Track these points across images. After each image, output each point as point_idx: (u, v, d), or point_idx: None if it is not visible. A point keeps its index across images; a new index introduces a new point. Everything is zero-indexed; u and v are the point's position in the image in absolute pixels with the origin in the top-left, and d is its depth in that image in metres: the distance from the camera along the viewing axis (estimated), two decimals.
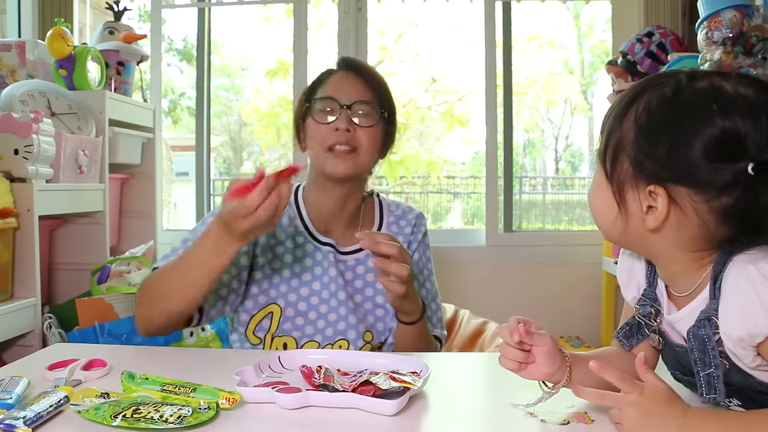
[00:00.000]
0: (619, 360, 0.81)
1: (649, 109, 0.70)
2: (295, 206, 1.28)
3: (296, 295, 1.22)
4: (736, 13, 1.69)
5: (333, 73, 1.27)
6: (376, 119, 1.22)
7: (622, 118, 0.72)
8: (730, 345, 0.66)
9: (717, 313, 0.67)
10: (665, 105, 0.69)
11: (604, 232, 0.77)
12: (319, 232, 1.26)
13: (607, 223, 0.75)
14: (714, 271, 0.69)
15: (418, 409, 0.79)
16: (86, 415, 0.72)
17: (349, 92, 1.21)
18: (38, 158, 1.78)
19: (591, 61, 3.69)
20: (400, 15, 3.99)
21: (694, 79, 0.70)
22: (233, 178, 1.00)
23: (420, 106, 4.23)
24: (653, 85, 0.72)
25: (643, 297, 0.80)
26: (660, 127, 0.69)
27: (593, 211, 0.78)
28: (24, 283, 1.80)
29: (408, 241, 1.30)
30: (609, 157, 0.73)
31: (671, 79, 0.71)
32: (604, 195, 0.73)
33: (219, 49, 3.87)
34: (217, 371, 0.94)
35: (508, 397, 0.82)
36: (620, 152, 0.71)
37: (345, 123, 1.19)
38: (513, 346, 0.78)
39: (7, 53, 2.22)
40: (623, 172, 0.71)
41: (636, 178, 0.70)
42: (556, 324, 2.58)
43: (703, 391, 0.69)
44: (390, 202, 1.36)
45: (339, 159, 1.19)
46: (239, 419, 0.76)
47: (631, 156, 0.70)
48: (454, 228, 3.92)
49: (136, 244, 2.42)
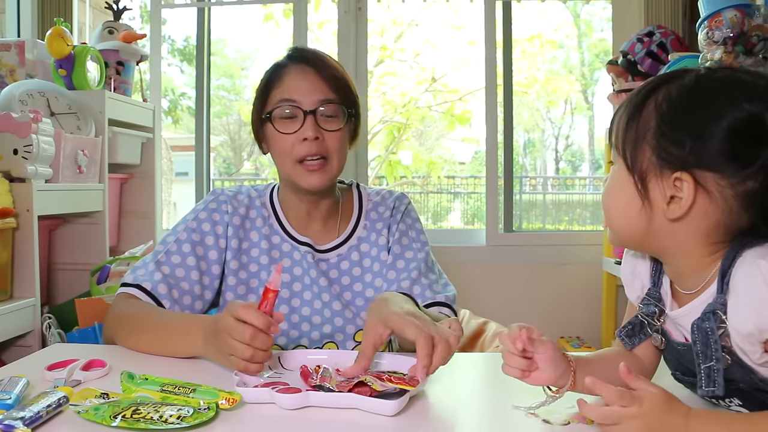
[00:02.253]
0: (622, 360, 0.81)
1: (671, 98, 0.70)
2: (270, 206, 1.23)
3: (288, 305, 1.17)
4: (736, 12, 1.69)
5: (286, 68, 1.15)
6: (343, 120, 1.14)
7: (640, 108, 0.72)
8: (738, 340, 0.66)
9: (723, 307, 0.67)
10: (688, 92, 0.70)
11: (623, 231, 0.75)
12: (296, 231, 1.20)
13: (629, 220, 0.73)
14: (723, 266, 0.69)
15: (418, 409, 0.79)
16: (86, 416, 0.72)
17: (309, 92, 1.11)
18: (37, 158, 1.78)
19: (591, 60, 3.69)
20: (400, 15, 3.99)
21: (711, 71, 0.71)
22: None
23: (420, 105, 4.22)
24: (669, 79, 0.72)
25: (647, 296, 0.79)
26: (684, 113, 0.69)
27: (611, 212, 0.76)
28: (23, 284, 1.79)
29: (388, 224, 1.23)
30: (629, 149, 0.72)
31: (687, 73, 0.72)
32: (625, 190, 0.72)
33: (219, 49, 3.87)
34: (216, 371, 0.93)
35: (509, 398, 0.82)
36: (641, 143, 0.71)
37: (312, 131, 1.10)
38: (516, 354, 0.77)
39: (6, 53, 2.21)
40: (645, 162, 0.70)
41: (660, 167, 0.70)
42: (557, 324, 2.58)
43: (703, 383, 0.69)
44: (370, 191, 1.29)
45: (312, 173, 1.11)
46: (239, 420, 0.75)
47: (653, 145, 0.70)
48: (454, 228, 3.92)
49: (135, 244, 2.41)
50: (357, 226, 1.23)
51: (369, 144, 2.80)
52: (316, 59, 1.15)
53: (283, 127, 1.12)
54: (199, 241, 1.17)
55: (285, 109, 1.11)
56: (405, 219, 1.24)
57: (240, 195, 1.24)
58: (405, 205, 1.26)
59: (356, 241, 1.22)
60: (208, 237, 1.18)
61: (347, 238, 1.22)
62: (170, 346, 1.01)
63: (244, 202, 1.22)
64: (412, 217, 1.26)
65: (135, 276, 1.12)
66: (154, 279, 1.11)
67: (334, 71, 1.14)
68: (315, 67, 1.13)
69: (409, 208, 1.27)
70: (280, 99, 1.12)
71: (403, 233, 1.23)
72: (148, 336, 1.04)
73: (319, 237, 1.21)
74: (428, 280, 1.18)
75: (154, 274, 1.11)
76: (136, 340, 1.05)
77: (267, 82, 1.16)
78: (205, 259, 1.16)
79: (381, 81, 4.19)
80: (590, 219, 3.54)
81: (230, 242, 1.18)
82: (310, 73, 1.13)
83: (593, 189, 3.57)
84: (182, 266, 1.14)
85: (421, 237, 1.25)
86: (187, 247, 1.15)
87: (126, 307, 1.09)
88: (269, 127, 1.14)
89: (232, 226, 1.19)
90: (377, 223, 1.23)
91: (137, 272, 1.13)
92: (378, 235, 1.23)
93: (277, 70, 1.16)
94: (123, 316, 1.08)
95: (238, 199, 1.22)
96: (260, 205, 1.23)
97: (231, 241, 1.18)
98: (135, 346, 1.05)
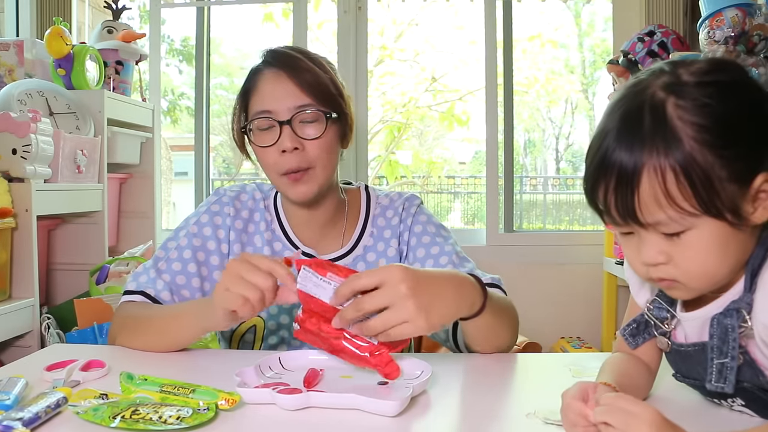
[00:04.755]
0: (634, 367, 0.80)
1: (700, 126, 0.61)
2: (273, 209, 1.19)
3: (277, 306, 1.13)
4: (737, 11, 1.68)
5: (261, 74, 1.09)
6: (324, 125, 1.06)
7: (678, 157, 0.61)
8: (765, 334, 0.65)
9: (749, 307, 0.66)
10: (709, 110, 0.62)
11: (724, 278, 0.67)
12: (298, 239, 1.17)
13: (729, 263, 0.65)
14: (752, 264, 0.67)
15: (419, 409, 0.79)
16: (85, 416, 0.72)
17: (284, 99, 1.05)
18: (36, 158, 1.77)
19: (592, 60, 3.68)
20: (400, 14, 3.99)
21: (678, 81, 0.64)
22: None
23: (420, 105, 4.22)
24: (659, 105, 0.63)
25: (658, 298, 0.78)
26: (729, 128, 0.62)
27: (712, 271, 0.65)
28: (22, 284, 1.79)
29: (398, 233, 1.17)
30: (705, 199, 0.61)
31: (657, 90, 0.64)
32: (717, 241, 0.63)
33: (218, 49, 3.86)
34: (216, 372, 0.93)
35: (510, 398, 0.81)
36: (712, 184, 0.61)
37: (290, 142, 1.04)
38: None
39: (5, 52, 2.21)
40: (729, 195, 0.62)
41: (743, 187, 0.62)
42: (557, 324, 2.57)
43: (713, 378, 0.67)
44: (379, 194, 1.23)
45: (297, 184, 1.07)
46: (238, 420, 0.75)
47: (724, 176, 0.61)
48: (454, 228, 3.91)
49: (134, 245, 2.41)
50: (363, 234, 1.18)
51: (369, 144, 2.80)
52: (290, 61, 1.08)
53: (261, 140, 1.07)
54: (200, 246, 1.14)
55: (262, 121, 1.07)
56: (417, 219, 1.18)
57: (244, 195, 1.20)
58: (415, 206, 1.20)
59: (362, 251, 1.17)
60: (209, 242, 1.15)
61: (353, 247, 1.17)
62: (169, 333, 1.00)
63: (248, 205, 1.19)
64: (426, 214, 1.20)
65: (137, 283, 1.11)
66: (157, 286, 1.09)
67: (309, 73, 1.07)
68: (288, 71, 1.07)
69: (421, 209, 1.20)
70: (256, 111, 1.07)
71: (421, 234, 1.17)
72: (149, 330, 1.03)
73: (323, 244, 1.17)
74: (466, 269, 1.09)
75: (157, 281, 1.10)
76: (138, 338, 1.04)
77: (245, 90, 1.12)
78: (207, 264, 1.14)
79: (381, 81, 4.18)
80: (590, 219, 3.53)
81: (232, 246, 1.16)
82: (283, 77, 1.07)
83: None
84: (183, 273, 1.12)
85: (442, 231, 1.18)
86: (188, 253, 1.13)
87: (128, 309, 1.09)
88: (250, 141, 1.11)
89: (234, 230, 1.16)
90: (385, 230, 1.18)
91: (139, 279, 1.11)
92: (386, 245, 1.17)
93: (253, 76, 1.11)
94: (126, 318, 1.08)
95: (241, 200, 1.19)
96: (264, 208, 1.19)
97: (233, 245, 1.16)
98: (137, 343, 1.04)
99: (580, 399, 0.66)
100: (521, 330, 1.09)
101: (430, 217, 1.20)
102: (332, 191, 1.16)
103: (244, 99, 1.12)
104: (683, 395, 0.81)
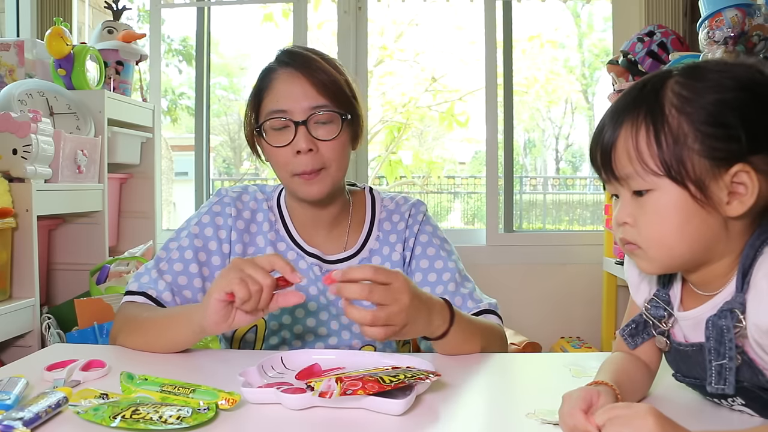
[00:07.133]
0: (633, 367, 0.80)
1: (689, 98, 0.65)
2: (277, 209, 1.18)
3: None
4: (737, 12, 1.68)
5: (275, 72, 1.09)
6: (339, 127, 1.06)
7: (656, 122, 0.66)
8: (758, 336, 0.65)
9: (742, 306, 0.66)
10: (707, 85, 0.66)
11: (682, 255, 0.69)
12: (303, 240, 1.16)
13: (690, 239, 0.67)
14: (743, 264, 0.68)
15: (425, 408, 0.79)
16: (85, 416, 0.72)
17: (300, 100, 1.05)
18: (37, 158, 1.77)
19: (591, 60, 3.69)
20: (401, 14, 3.99)
21: (694, 66, 0.69)
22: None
23: (420, 105, 4.22)
24: (662, 81, 0.68)
25: (655, 298, 0.78)
26: (720, 106, 0.65)
27: (668, 240, 0.68)
28: (22, 284, 1.79)
29: (404, 239, 1.17)
30: (672, 163, 0.65)
31: (672, 75, 0.69)
32: (679, 209, 0.66)
33: (218, 49, 3.86)
34: (217, 372, 0.93)
35: (512, 398, 0.81)
36: (682, 152, 0.65)
37: (305, 143, 1.04)
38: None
39: (5, 52, 2.21)
40: (697, 169, 0.65)
41: (715, 167, 0.65)
42: (557, 324, 2.58)
43: (713, 380, 0.68)
44: (385, 197, 1.22)
45: (309, 183, 1.06)
46: (239, 420, 0.75)
47: (699, 149, 0.65)
48: (454, 228, 3.91)
49: (135, 244, 2.41)
50: (369, 237, 1.17)
51: (369, 144, 2.80)
52: (306, 62, 1.07)
53: (275, 139, 1.07)
54: (202, 247, 1.14)
55: (276, 121, 1.06)
56: (424, 229, 1.18)
57: (245, 195, 1.19)
58: (422, 214, 1.19)
59: (368, 254, 1.16)
60: (210, 242, 1.14)
61: (359, 249, 1.16)
62: (166, 333, 1.00)
63: (250, 205, 1.18)
64: (432, 225, 1.20)
65: (139, 284, 1.10)
66: (158, 287, 1.09)
67: (325, 74, 1.06)
68: (304, 71, 1.06)
69: (427, 217, 1.20)
70: (271, 110, 1.07)
71: (426, 245, 1.16)
72: (149, 330, 1.03)
73: (327, 246, 1.16)
74: (467, 290, 1.13)
75: (158, 282, 1.10)
76: (138, 338, 1.04)
77: (258, 90, 1.11)
78: (208, 265, 1.14)
79: (381, 81, 4.19)
80: (590, 219, 3.54)
81: (234, 247, 1.15)
82: (299, 77, 1.06)
83: (593, 189, 3.57)
84: (185, 274, 1.12)
85: (446, 246, 1.19)
86: (189, 254, 1.13)
87: (130, 310, 1.09)
88: (263, 140, 1.10)
89: (235, 230, 1.15)
90: (390, 235, 1.17)
91: (141, 279, 1.11)
92: (391, 249, 1.17)
93: (267, 75, 1.10)
94: (127, 318, 1.08)
95: (242, 200, 1.18)
96: (267, 208, 1.18)
97: (235, 246, 1.15)
98: (137, 344, 1.04)
99: (584, 406, 0.68)
100: (521, 330, 1.10)
101: (435, 228, 1.20)
102: (339, 192, 1.16)
103: (256, 98, 1.11)
104: (683, 395, 0.81)
